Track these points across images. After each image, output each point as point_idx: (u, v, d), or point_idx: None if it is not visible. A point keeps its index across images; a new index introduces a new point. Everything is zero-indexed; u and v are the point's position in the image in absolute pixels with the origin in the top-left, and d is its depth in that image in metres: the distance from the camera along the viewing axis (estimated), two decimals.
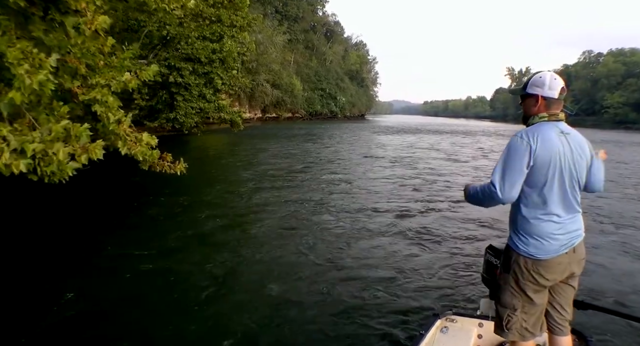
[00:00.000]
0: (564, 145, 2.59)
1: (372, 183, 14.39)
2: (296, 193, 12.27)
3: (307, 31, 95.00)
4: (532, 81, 2.71)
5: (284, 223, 9.07)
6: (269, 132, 44.38)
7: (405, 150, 27.94)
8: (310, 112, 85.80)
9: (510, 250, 2.76)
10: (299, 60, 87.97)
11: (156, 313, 5.10)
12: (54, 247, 7.24)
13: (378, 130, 54.54)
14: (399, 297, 5.54)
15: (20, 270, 6.21)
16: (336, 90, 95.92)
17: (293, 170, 17.06)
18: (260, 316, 4.99)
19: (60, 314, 4.96)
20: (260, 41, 65.87)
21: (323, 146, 29.74)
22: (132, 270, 6.22)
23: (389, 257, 7.08)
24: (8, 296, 5.35)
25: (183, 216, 9.48)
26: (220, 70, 25.03)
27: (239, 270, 6.46)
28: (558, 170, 2.56)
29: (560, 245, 2.62)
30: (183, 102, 24.49)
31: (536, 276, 2.65)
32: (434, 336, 3.51)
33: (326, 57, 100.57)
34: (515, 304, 2.76)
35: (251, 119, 67.35)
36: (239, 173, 16.28)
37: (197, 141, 28.08)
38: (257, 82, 66.77)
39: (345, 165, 19.43)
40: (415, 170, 17.76)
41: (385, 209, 10.49)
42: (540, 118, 2.65)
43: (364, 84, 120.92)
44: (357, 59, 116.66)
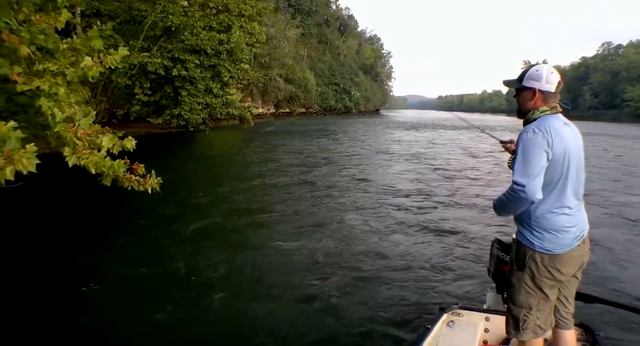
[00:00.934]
0: (570, 136, 2.57)
1: (387, 178, 14.07)
2: (310, 189, 12.02)
3: (320, 25, 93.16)
4: (529, 74, 2.65)
5: (297, 218, 8.97)
6: (281, 128, 42.87)
7: (423, 145, 26.80)
8: (324, 107, 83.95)
9: (523, 247, 2.67)
10: (313, 54, 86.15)
11: (180, 309, 4.99)
12: (66, 247, 6.95)
13: (393, 125, 52.94)
14: (406, 291, 5.52)
15: (25, 274, 5.88)
16: (350, 84, 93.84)
17: (307, 167, 16.35)
18: (266, 308, 5.00)
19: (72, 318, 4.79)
20: (273, 35, 64.31)
21: (337, 142, 28.24)
22: (148, 270, 6.08)
23: (398, 251, 7.04)
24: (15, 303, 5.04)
25: (194, 215, 9.13)
26: (227, 62, 23.28)
27: (250, 267, 6.30)
28: (569, 162, 2.54)
29: (574, 238, 2.59)
30: (188, 97, 22.74)
31: (553, 271, 2.59)
32: (440, 330, 3.44)
33: (340, 51, 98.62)
34: (531, 303, 2.68)
35: (264, 115, 66.23)
36: (249, 171, 15.68)
37: (205, 138, 26.28)
38: (269, 77, 65.40)
39: (359, 161, 18.63)
40: (432, 166, 17.12)
41: (398, 204, 10.34)
42: (542, 112, 2.59)
43: (378, 78, 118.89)
44: (372, 53, 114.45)
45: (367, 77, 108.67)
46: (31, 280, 5.65)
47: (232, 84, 25.07)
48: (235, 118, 26.24)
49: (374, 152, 22.60)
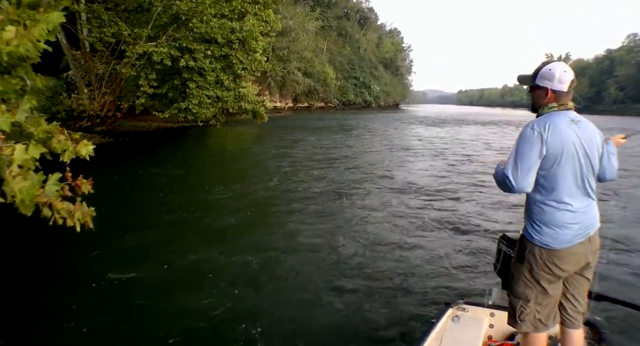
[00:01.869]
0: (575, 133, 2.55)
1: (408, 175, 13.63)
2: (329, 186, 11.75)
3: (340, 18, 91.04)
4: (542, 73, 2.65)
5: (317, 215, 8.83)
6: (299, 122, 41.27)
7: (445, 141, 25.46)
8: (343, 102, 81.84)
9: (525, 240, 2.72)
10: (332, 47, 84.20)
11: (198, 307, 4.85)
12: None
13: (414, 121, 50.73)
14: (412, 285, 5.51)
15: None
16: (370, 78, 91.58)
17: (326, 163, 15.77)
18: (272, 300, 5.11)
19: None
20: (292, 27, 62.71)
21: (358, 138, 26.68)
22: (165, 268, 5.96)
23: (414, 246, 7.02)
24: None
25: (211, 211, 9.04)
26: (240, 52, 21.47)
27: (270, 264, 6.23)
28: (571, 158, 2.53)
29: (575, 235, 2.57)
30: (196, 90, 20.94)
31: (551, 266, 2.61)
32: (445, 325, 3.46)
33: (360, 44, 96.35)
34: (528, 295, 2.71)
35: (282, 109, 65.10)
36: (265, 167, 15.21)
37: (218, 133, 24.64)
38: (288, 70, 64.02)
39: (380, 157, 17.98)
40: (454, 162, 16.54)
41: (417, 200, 10.21)
42: (550, 109, 2.61)
43: (398, 72, 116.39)
44: (392, 46, 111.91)
45: (387, 71, 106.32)
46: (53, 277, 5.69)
47: (245, 76, 23.26)
48: (247, 113, 24.51)
49: (396, 148, 21.54)
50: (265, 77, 61.15)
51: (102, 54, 22.62)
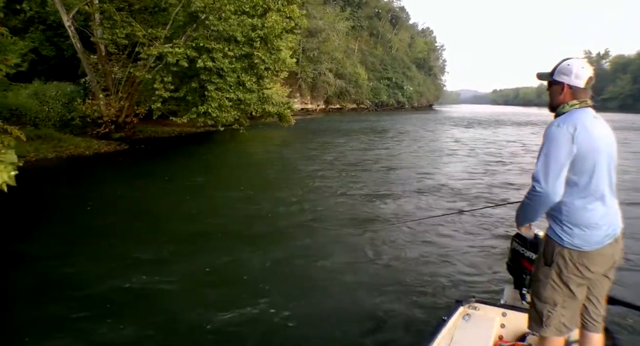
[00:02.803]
0: (599, 130, 2.50)
1: (445, 180, 12.95)
2: (363, 192, 11.34)
3: (371, 17, 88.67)
4: (559, 68, 2.61)
5: (347, 219, 8.75)
6: (330, 125, 39.64)
7: (483, 144, 24.17)
8: (375, 103, 79.50)
9: (552, 243, 2.61)
10: (364, 48, 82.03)
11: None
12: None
13: (450, 122, 48.36)
14: (425, 282, 5.62)
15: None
16: (403, 79, 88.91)
17: (360, 168, 15.15)
18: (284, 297, 5.17)
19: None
20: (322, 27, 60.97)
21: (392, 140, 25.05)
22: (199, 269, 6.01)
23: (424, 244, 7.13)
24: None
25: (235, 219, 8.81)
26: (262, 51, 19.67)
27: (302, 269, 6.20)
28: (599, 156, 2.46)
29: (605, 235, 2.51)
30: (215, 92, 19.10)
31: (582, 269, 2.52)
32: (456, 323, 3.41)
33: (392, 44, 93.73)
34: (556, 299, 2.61)
35: (313, 111, 63.61)
36: (294, 172, 14.75)
37: (241, 137, 22.95)
38: (318, 71, 62.34)
39: (415, 162, 17.19)
40: (493, 167, 15.65)
41: (449, 205, 9.93)
42: (572, 106, 2.53)
43: (431, 72, 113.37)
44: (424, 46, 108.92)
45: (420, 71, 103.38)
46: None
47: (269, 77, 21.43)
48: (272, 116, 22.71)
49: (431, 150, 20.62)
50: (296, 79, 59.71)
51: (118, 57, 21.23)
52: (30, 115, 20.76)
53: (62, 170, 15.39)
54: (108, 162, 17.14)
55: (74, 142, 19.21)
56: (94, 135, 21.44)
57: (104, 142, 20.34)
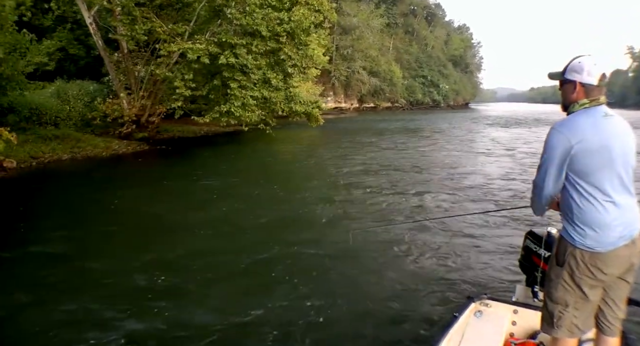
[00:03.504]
0: (610, 129, 2.41)
1: (481, 181, 12.42)
2: (399, 195, 10.67)
3: (406, 15, 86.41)
4: (571, 66, 2.54)
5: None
6: (363, 124, 38.25)
7: (523, 144, 22.02)
8: (410, 101, 77.38)
9: (564, 242, 2.55)
10: (398, 45, 79.84)
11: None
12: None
13: (488, 121, 46.03)
14: (437, 278, 5.61)
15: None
16: (438, 77, 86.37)
17: (396, 170, 14.35)
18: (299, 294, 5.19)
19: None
20: (356, 25, 59.43)
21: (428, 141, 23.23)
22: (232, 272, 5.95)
23: (437, 242, 7.00)
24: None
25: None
26: (289, 47, 18.29)
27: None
28: (607, 156, 2.37)
29: (619, 237, 2.40)
30: (239, 90, 17.75)
31: (594, 270, 2.43)
32: (468, 320, 3.38)
33: (427, 41, 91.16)
34: (568, 300, 2.54)
35: (347, 110, 62.19)
36: (325, 174, 13.93)
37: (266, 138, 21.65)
38: (352, 70, 60.78)
39: (454, 162, 16.16)
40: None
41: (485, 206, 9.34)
42: (581, 106, 2.47)
43: (467, 70, 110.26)
44: (461, 43, 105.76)
45: (456, 68, 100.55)
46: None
47: (295, 74, 20.02)
48: (300, 116, 21.30)
49: (467, 151, 19.43)
50: (329, 77, 58.37)
51: (139, 54, 20.22)
52: (51, 114, 19.94)
53: (71, 173, 14.31)
54: (124, 164, 16.09)
55: (93, 143, 18.27)
56: (117, 135, 20.54)
57: (124, 143, 19.36)
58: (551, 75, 2.73)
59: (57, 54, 26.86)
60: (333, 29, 56.95)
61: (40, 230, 7.83)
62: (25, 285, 5.44)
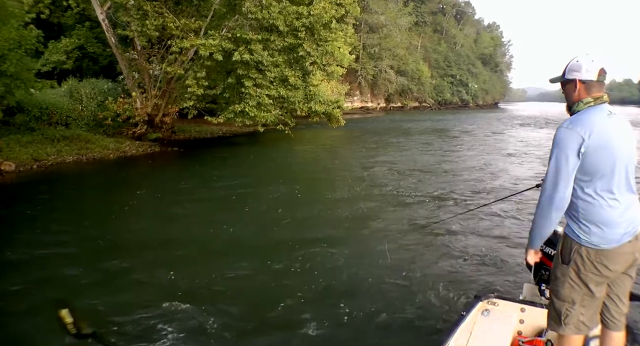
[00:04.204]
0: (615, 127, 2.41)
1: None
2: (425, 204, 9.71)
3: (435, 13, 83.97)
4: (570, 66, 2.55)
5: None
6: (389, 124, 36.80)
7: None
8: (438, 101, 75.16)
9: (569, 240, 2.54)
10: (427, 44, 77.60)
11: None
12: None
13: (519, 121, 43.74)
14: (443, 277, 5.58)
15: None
16: (467, 76, 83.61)
17: (425, 173, 13.40)
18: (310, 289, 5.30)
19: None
20: (383, 23, 57.78)
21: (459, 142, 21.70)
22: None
23: (442, 241, 7.00)
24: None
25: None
26: (308, 43, 16.95)
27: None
28: (612, 154, 2.36)
29: (623, 233, 2.41)
30: (254, 89, 16.50)
31: (599, 267, 2.44)
32: (475, 318, 3.36)
33: (456, 40, 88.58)
34: (574, 298, 2.53)
35: (373, 109, 60.58)
36: (348, 177, 12.86)
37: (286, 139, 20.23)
38: (379, 69, 59.14)
39: (484, 165, 15.22)
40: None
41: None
42: (586, 104, 2.46)
43: (497, 68, 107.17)
44: (491, 41, 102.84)
45: (486, 67, 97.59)
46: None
47: (314, 72, 18.64)
48: (319, 116, 19.91)
49: (498, 154, 18.22)
50: (356, 76, 56.94)
51: (152, 51, 19.15)
52: (62, 114, 19.03)
53: (71, 178, 13.28)
54: (131, 167, 14.99)
55: (103, 144, 17.26)
56: (130, 136, 19.56)
57: (136, 144, 18.33)
58: (552, 79, 2.74)
59: (75, 53, 26.19)
60: (360, 27, 55.53)
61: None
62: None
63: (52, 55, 26.23)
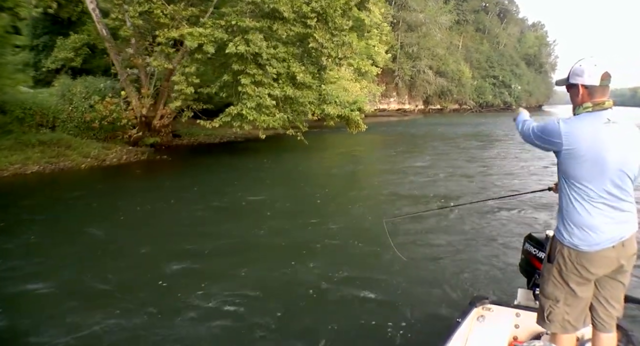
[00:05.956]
0: (610, 135, 2.37)
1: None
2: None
3: (477, 11, 78.96)
4: (573, 70, 2.55)
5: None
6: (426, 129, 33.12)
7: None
8: (480, 103, 70.47)
9: (555, 240, 2.61)
10: (468, 43, 72.96)
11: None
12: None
13: None
14: (438, 283, 5.35)
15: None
16: (510, 77, 78.35)
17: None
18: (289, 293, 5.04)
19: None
20: (422, 21, 54.05)
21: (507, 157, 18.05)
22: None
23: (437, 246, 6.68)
24: None
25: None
26: (320, 33, 13.78)
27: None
28: (601, 161, 2.35)
29: (607, 238, 2.42)
30: (251, 87, 13.43)
31: (580, 268, 2.47)
32: (470, 325, 3.27)
33: (499, 39, 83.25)
34: (557, 295, 2.59)
35: (411, 111, 57.23)
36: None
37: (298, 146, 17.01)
38: (417, 69, 55.50)
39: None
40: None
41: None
42: (585, 109, 2.45)
43: (542, 69, 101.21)
44: (535, 41, 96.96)
45: (530, 68, 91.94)
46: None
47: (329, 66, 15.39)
48: (333, 119, 16.55)
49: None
50: (393, 77, 53.56)
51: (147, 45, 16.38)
52: (49, 115, 16.53)
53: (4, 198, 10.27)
54: (97, 183, 11.94)
55: (85, 151, 14.55)
56: (126, 140, 16.93)
57: (125, 150, 15.61)
58: (558, 82, 2.76)
59: (84, 50, 23.87)
60: (397, 25, 52.08)
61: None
62: None
63: (60, 52, 24.11)
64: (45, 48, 26.45)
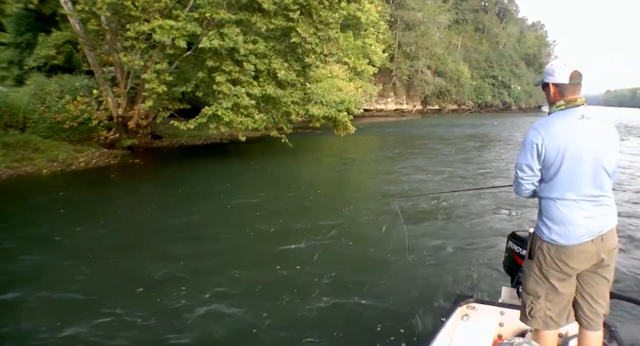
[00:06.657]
0: (585, 130, 2.40)
1: None
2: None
3: (476, 11, 77.58)
4: (545, 70, 2.62)
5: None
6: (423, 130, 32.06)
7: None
8: (478, 104, 69.22)
9: (535, 237, 2.62)
10: (467, 43, 71.64)
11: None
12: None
13: None
14: (420, 282, 5.32)
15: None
16: (510, 77, 76.91)
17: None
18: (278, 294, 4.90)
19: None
20: (420, 20, 52.84)
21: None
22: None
23: (425, 245, 6.60)
24: None
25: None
26: (303, 26, 12.62)
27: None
28: (576, 157, 2.37)
29: (585, 233, 2.41)
30: (227, 86, 12.25)
31: (559, 263, 2.47)
32: (455, 324, 3.25)
33: (499, 39, 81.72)
34: (538, 291, 2.58)
35: (409, 112, 56.14)
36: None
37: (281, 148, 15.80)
38: (415, 69, 54.31)
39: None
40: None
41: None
42: (557, 107, 2.50)
43: (542, 70, 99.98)
44: (535, 41, 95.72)
45: (530, 68, 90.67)
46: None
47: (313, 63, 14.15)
48: (319, 120, 15.30)
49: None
50: (390, 76, 52.34)
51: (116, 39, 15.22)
52: (18, 115, 15.39)
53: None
54: (51, 192, 10.73)
55: (53, 154, 13.41)
56: (102, 142, 15.79)
57: (97, 153, 14.47)
58: (535, 83, 2.84)
59: (67, 47, 22.77)
60: (395, 24, 50.87)
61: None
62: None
63: (42, 49, 23.03)
64: (29, 46, 25.32)
